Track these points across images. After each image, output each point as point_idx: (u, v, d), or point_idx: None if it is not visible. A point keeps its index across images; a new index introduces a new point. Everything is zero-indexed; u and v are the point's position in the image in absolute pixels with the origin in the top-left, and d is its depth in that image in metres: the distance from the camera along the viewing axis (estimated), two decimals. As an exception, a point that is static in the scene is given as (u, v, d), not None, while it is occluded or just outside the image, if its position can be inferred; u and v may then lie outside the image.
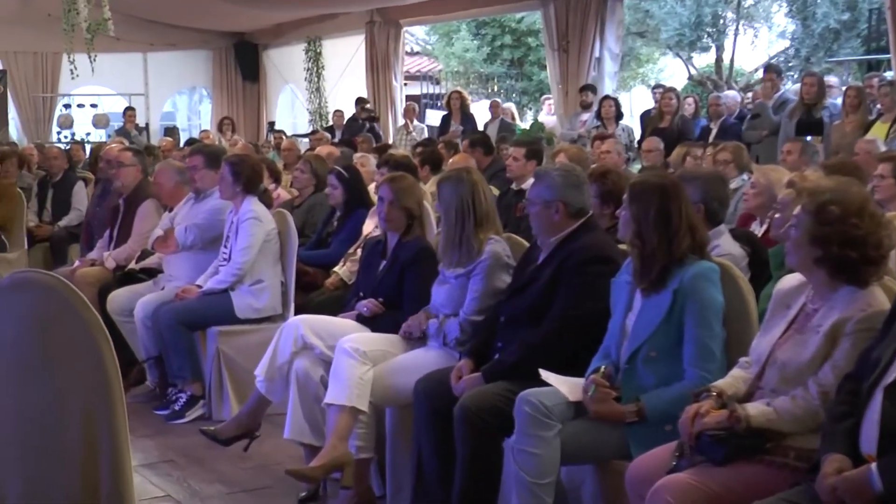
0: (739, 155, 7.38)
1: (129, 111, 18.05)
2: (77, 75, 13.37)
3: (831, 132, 9.39)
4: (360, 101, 15.69)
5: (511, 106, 16.49)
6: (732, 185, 6.44)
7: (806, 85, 10.16)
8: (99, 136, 19.37)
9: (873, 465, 2.76)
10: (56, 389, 2.54)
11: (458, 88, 16.76)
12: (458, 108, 14.03)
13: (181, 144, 14.61)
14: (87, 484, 2.53)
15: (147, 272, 7.12)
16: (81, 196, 10.32)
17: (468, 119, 13.90)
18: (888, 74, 11.90)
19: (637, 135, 12.14)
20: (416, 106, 16.85)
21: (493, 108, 14.60)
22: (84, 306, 2.48)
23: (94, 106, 19.93)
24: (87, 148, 16.11)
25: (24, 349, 2.57)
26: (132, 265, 7.30)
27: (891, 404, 2.81)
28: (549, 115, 15.74)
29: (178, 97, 24.87)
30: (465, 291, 4.63)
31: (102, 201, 8.59)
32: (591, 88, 13.28)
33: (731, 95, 12.90)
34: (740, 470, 3.18)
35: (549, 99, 16.02)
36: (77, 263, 7.82)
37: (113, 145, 10.34)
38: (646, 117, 12.54)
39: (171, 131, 19.26)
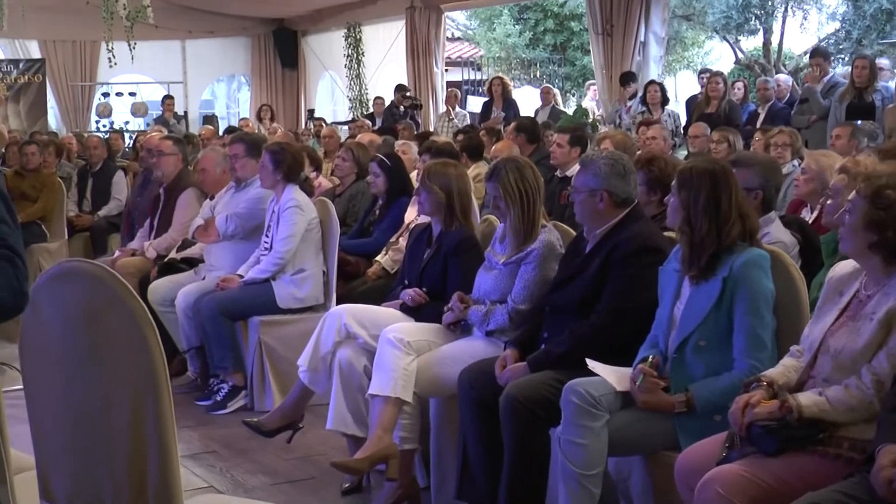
0: (796, 140, 7.29)
1: (167, 99, 18.14)
2: (115, 63, 13.41)
3: (884, 116, 9.22)
4: (399, 89, 15.64)
5: (555, 92, 16.39)
6: (784, 171, 6.34)
7: (857, 68, 9.98)
8: (137, 124, 19.50)
9: (931, 457, 2.70)
10: (104, 381, 2.55)
11: (500, 74, 16.67)
12: (499, 95, 13.96)
13: (220, 133, 14.65)
14: (135, 477, 2.54)
15: (188, 262, 7.13)
16: (121, 185, 10.38)
17: (510, 105, 13.83)
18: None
19: (683, 120, 12.00)
20: (458, 92, 16.78)
21: (545, 93, 14.48)
22: (130, 296, 2.48)
23: (132, 94, 20.05)
24: (126, 137, 16.21)
25: (72, 340, 2.57)
26: (173, 255, 7.31)
27: (948, 394, 2.75)
28: (592, 101, 15.62)
29: (217, 85, 24.95)
30: (514, 279, 4.58)
31: (143, 190, 8.62)
32: (632, 77, 13.16)
33: (783, 79, 12.70)
34: (793, 461, 3.13)
35: (593, 84, 15.90)
36: (117, 254, 7.85)
37: (153, 134, 10.39)
38: (692, 102, 12.40)
39: (209, 119, 19.37)
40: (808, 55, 16.15)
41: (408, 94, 15.63)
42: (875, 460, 2.82)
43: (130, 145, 15.14)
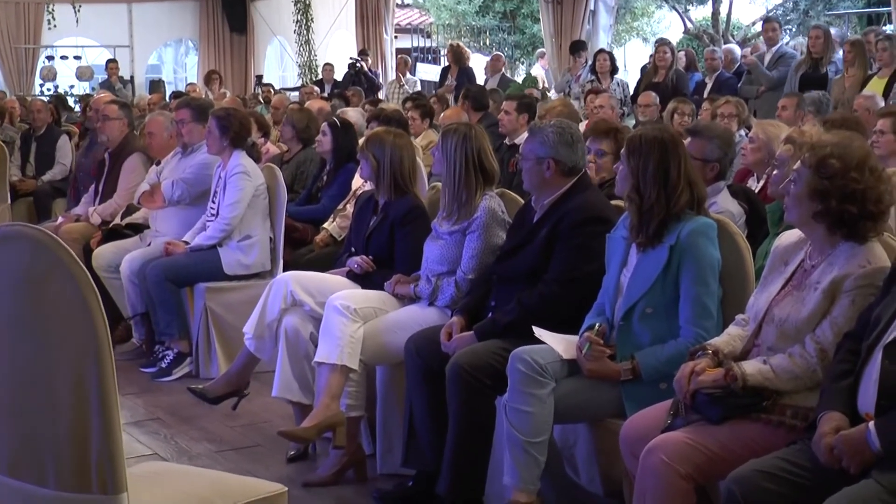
0: (742, 110, 7.33)
1: (111, 63, 17.81)
2: (55, 26, 13.14)
3: (832, 87, 9.29)
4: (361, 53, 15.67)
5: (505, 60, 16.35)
6: (731, 141, 6.37)
7: (811, 38, 10.00)
8: (83, 88, 19.18)
9: (871, 424, 2.75)
10: (46, 347, 2.54)
11: (457, 42, 16.58)
12: (454, 62, 13.88)
13: (167, 98, 14.46)
14: (77, 444, 2.54)
15: (133, 228, 7.04)
16: (66, 150, 10.21)
17: (465, 73, 13.76)
18: (887, 28, 11.79)
19: (632, 90, 12.03)
20: (409, 59, 16.69)
21: (494, 61, 14.39)
22: (73, 262, 2.48)
23: (77, 58, 19.71)
24: (71, 101, 15.95)
25: (14, 305, 2.56)
26: (117, 221, 7.21)
27: (890, 363, 2.80)
28: (542, 69, 15.61)
29: (164, 49, 24.63)
30: (461, 248, 4.57)
31: (89, 153, 8.49)
32: (582, 45, 13.15)
33: (730, 49, 12.75)
34: (736, 429, 3.15)
35: (543, 52, 15.87)
36: (60, 220, 7.73)
37: (102, 95, 10.23)
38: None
39: (156, 84, 19.07)
40: (756, 25, 16.23)
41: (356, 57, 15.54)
42: (817, 428, 2.85)
43: (79, 110, 14.90)
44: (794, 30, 21.13)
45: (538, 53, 16.56)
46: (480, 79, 13.91)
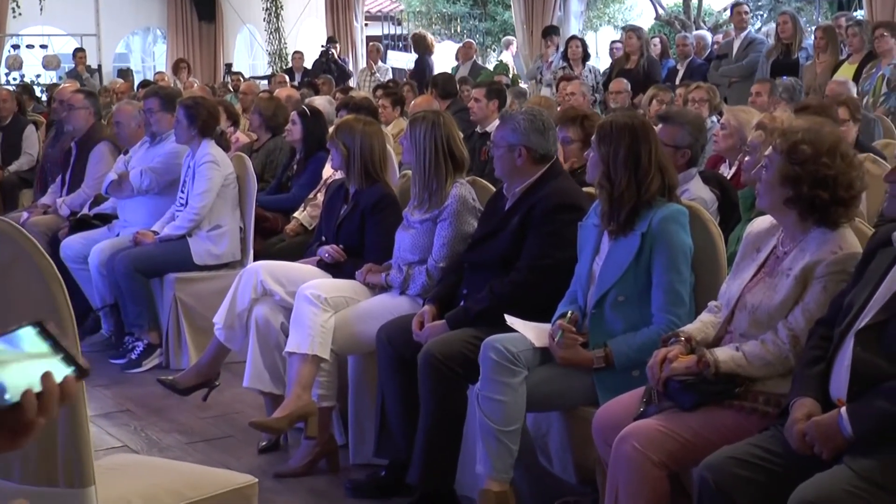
0: (714, 95, 7.35)
1: (79, 52, 17.63)
2: (20, 14, 12.97)
3: (803, 73, 9.33)
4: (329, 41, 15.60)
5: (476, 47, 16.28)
6: (703, 127, 6.38)
7: (780, 23, 10.06)
8: (49, 77, 18.98)
9: (843, 410, 2.75)
10: (10, 337, 2.48)
11: (420, 31, 16.53)
12: (415, 50, 13.85)
13: (135, 87, 14.34)
14: (44, 434, 2.44)
15: (101, 218, 6.98)
16: (33, 140, 10.10)
17: (422, 61, 13.72)
18: (858, 14, 11.83)
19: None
20: (380, 46, 16.63)
21: (466, 49, 14.33)
22: (38, 253, 2.46)
23: (43, 47, 19.48)
24: (38, 90, 15.79)
25: None
26: (85, 211, 7.14)
27: (862, 349, 2.80)
28: (511, 56, 15.57)
29: (132, 38, 24.39)
30: (431, 237, 4.54)
31: (56, 143, 8.40)
32: (555, 30, 13.14)
33: (701, 35, 12.78)
34: (709, 416, 3.15)
35: (512, 40, 15.83)
36: (25, 216, 7.62)
37: (66, 85, 10.13)
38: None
39: (124, 73, 18.88)
40: (727, 11, 16.27)
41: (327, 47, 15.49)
42: (789, 414, 2.86)
43: (46, 99, 14.75)
44: (765, 16, 21.17)
45: (504, 42, 16.50)
46: (449, 66, 13.87)
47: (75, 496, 2.51)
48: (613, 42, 13.66)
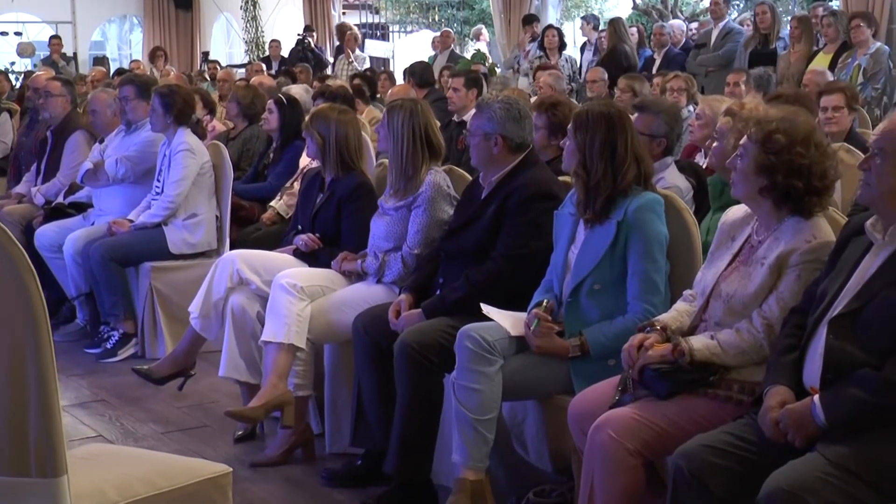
0: (691, 85, 7.37)
1: (54, 39, 17.48)
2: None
3: (778, 62, 9.36)
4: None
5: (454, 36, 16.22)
6: (679, 116, 6.40)
7: (758, 13, 10.09)
8: (24, 65, 18.83)
9: (816, 398, 2.76)
10: (-18, 326, 2.48)
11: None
12: None
13: (111, 75, 14.25)
14: (15, 428, 2.49)
15: (76, 207, 6.94)
16: (6, 128, 10.00)
17: None
18: (833, 4, 11.87)
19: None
20: (358, 35, 16.57)
21: (444, 38, 14.29)
22: (10, 242, 2.42)
23: (18, 34, 19.34)
24: (12, 78, 15.65)
25: None
26: (60, 199, 7.10)
27: (835, 337, 2.81)
28: (483, 44, 15.51)
29: (108, 26, 24.22)
30: (406, 224, 4.54)
31: (30, 132, 8.34)
32: (534, 18, 13.14)
33: (677, 25, 12.81)
34: (684, 404, 3.16)
35: (482, 29, 15.79)
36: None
37: (41, 73, 10.05)
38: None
39: (100, 61, 18.75)
40: (705, 1, 16.28)
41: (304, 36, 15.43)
42: (763, 402, 2.87)
43: (18, 86, 14.64)
44: (741, 5, 21.22)
45: (474, 31, 16.39)
46: (426, 55, 13.84)
47: (47, 486, 2.49)
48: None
